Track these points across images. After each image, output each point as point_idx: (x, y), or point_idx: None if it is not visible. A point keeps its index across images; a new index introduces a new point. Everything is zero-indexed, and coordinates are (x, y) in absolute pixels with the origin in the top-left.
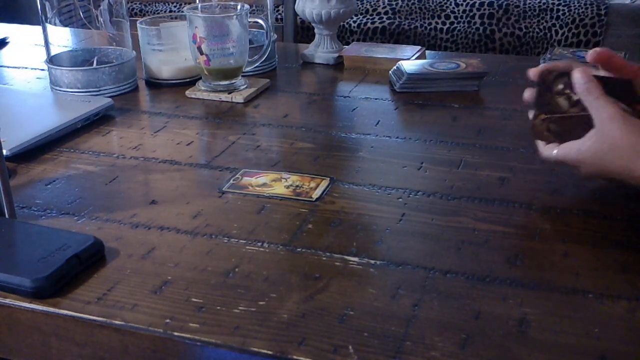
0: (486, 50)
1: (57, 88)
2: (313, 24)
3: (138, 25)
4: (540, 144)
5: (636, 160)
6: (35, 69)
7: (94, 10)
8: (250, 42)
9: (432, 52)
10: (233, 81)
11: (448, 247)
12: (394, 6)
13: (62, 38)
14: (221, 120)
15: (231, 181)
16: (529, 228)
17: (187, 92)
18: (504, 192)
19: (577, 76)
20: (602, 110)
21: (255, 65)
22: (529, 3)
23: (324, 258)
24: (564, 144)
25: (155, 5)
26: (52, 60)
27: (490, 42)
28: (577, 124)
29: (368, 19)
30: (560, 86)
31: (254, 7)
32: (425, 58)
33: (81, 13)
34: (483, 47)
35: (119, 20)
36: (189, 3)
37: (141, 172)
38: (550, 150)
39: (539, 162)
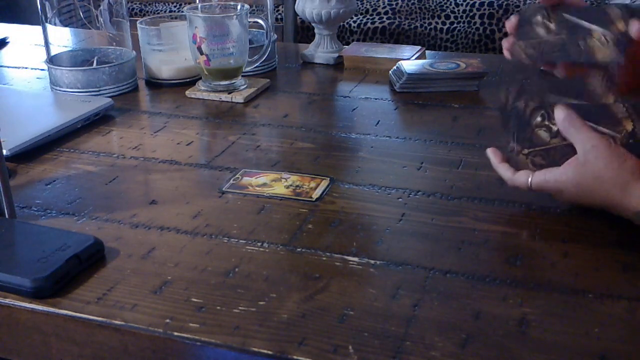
0: (486, 50)
1: (57, 88)
2: (313, 24)
3: (138, 25)
4: (507, 173)
5: (619, 192)
6: (35, 69)
7: (94, 10)
8: (250, 42)
9: (432, 52)
10: (233, 81)
11: (448, 247)
12: (394, 6)
13: (62, 38)
14: (221, 120)
15: (231, 181)
16: (529, 228)
17: (187, 92)
18: (504, 192)
19: (557, 112)
20: (586, 141)
21: (255, 65)
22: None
23: (324, 258)
24: (539, 172)
25: (155, 5)
26: (52, 60)
27: (490, 42)
28: (561, 154)
29: (368, 19)
30: (539, 119)
31: (254, 7)
32: (425, 58)
33: (81, 13)
34: (483, 47)
35: (119, 20)
36: (189, 3)
37: (141, 172)
38: (524, 178)
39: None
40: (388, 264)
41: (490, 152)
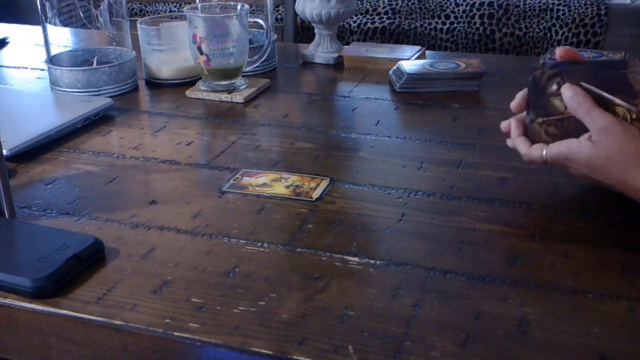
0: (486, 50)
1: (57, 88)
2: (313, 24)
3: (138, 25)
4: (523, 147)
5: (631, 171)
6: (35, 69)
7: (94, 10)
8: (250, 42)
9: (432, 52)
10: (233, 81)
11: (448, 247)
12: (394, 6)
13: (62, 38)
14: (221, 120)
15: (231, 181)
16: (529, 228)
17: (187, 92)
18: (504, 192)
19: (564, 90)
20: (596, 122)
21: (255, 65)
22: (529, 3)
23: (324, 258)
24: (554, 144)
25: (155, 5)
26: (52, 60)
27: (490, 42)
28: (575, 124)
29: (368, 19)
30: (554, 87)
31: (254, 7)
32: (425, 58)
33: (81, 13)
34: (483, 47)
35: (119, 20)
36: (189, 3)
37: (141, 172)
38: (539, 152)
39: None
40: (388, 264)
41: (513, 123)
